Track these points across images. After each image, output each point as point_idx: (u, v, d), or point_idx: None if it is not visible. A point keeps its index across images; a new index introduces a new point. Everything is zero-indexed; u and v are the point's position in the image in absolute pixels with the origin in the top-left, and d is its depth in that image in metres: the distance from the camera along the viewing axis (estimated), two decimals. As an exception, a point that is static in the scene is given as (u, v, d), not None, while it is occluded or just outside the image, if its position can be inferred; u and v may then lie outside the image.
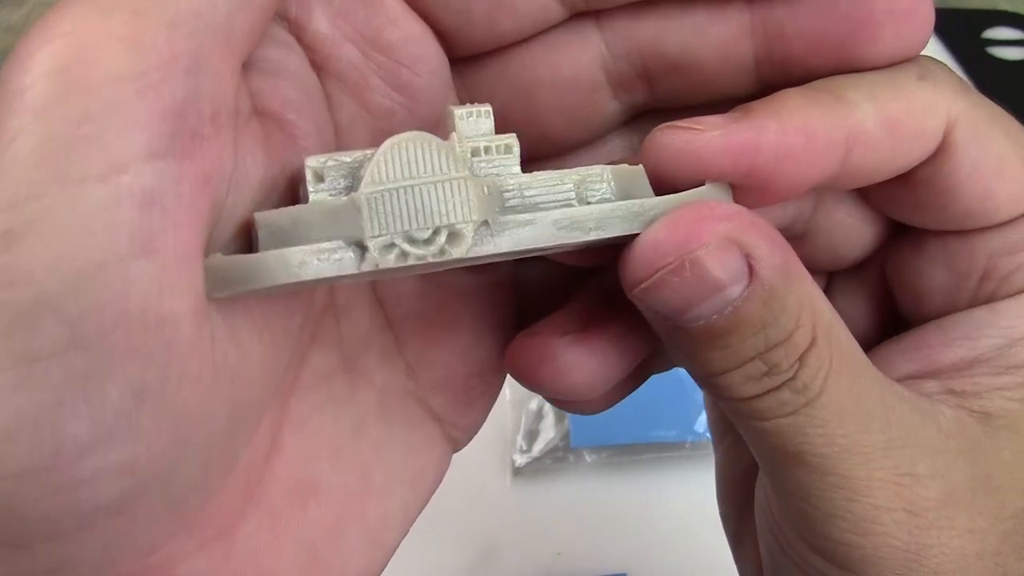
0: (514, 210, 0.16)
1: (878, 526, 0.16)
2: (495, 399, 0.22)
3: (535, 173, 0.16)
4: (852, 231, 0.20)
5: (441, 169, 0.15)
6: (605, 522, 0.44)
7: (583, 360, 0.19)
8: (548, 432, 0.46)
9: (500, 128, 0.17)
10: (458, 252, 0.15)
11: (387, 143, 0.15)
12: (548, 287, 0.22)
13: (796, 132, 0.16)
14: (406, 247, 0.15)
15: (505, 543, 0.43)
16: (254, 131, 0.16)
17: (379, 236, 0.15)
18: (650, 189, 0.17)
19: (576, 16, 0.19)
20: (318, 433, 0.18)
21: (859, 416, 0.16)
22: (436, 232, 0.15)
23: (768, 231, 0.16)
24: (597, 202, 0.16)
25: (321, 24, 0.17)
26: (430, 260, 0.15)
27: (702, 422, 0.45)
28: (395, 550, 0.20)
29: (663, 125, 0.17)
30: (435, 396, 0.21)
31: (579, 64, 0.19)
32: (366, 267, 0.15)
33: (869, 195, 0.20)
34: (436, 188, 0.15)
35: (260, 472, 0.17)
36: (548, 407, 0.47)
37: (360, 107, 0.18)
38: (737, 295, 0.16)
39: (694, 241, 0.16)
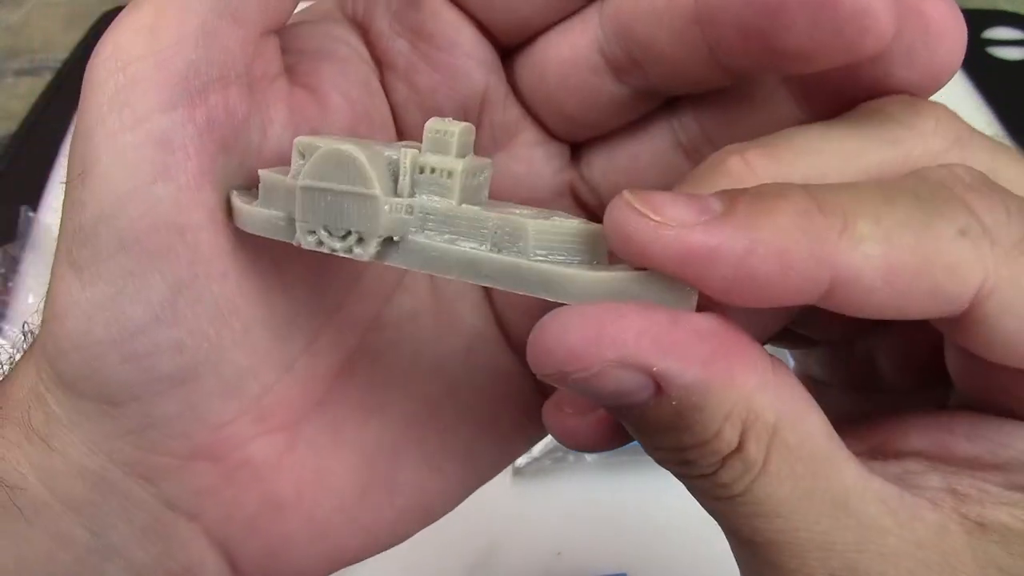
0: (429, 235, 0.17)
1: None
2: None
3: (464, 207, 0.17)
4: (831, 323, 0.20)
5: (359, 183, 0.17)
6: (605, 522, 0.44)
7: (599, 435, 0.19)
8: (548, 432, 0.46)
9: (531, 111, 0.21)
10: (364, 256, 0.17)
11: (323, 149, 0.17)
12: None
13: (768, 255, 0.14)
14: (323, 237, 0.18)
15: (505, 543, 0.43)
16: (279, 90, 0.20)
17: (304, 222, 0.18)
18: (603, 253, 0.16)
19: (591, 2, 0.21)
20: (392, 365, 0.22)
21: (799, 513, 0.16)
22: (348, 233, 0.17)
23: (684, 347, 0.15)
24: (510, 254, 0.16)
25: (381, 24, 0.21)
26: (340, 254, 0.18)
27: (702, 422, 0.45)
28: (462, 484, 0.23)
29: (627, 194, 0.15)
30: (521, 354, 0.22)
31: (577, 46, 0.21)
32: (294, 241, 0.18)
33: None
34: (352, 198, 0.17)
35: (327, 384, 0.21)
36: (548, 407, 0.47)
37: (410, 88, 0.21)
38: (643, 400, 0.15)
39: (573, 363, 0.15)
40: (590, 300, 0.15)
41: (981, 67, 0.66)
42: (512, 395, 0.23)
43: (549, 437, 0.21)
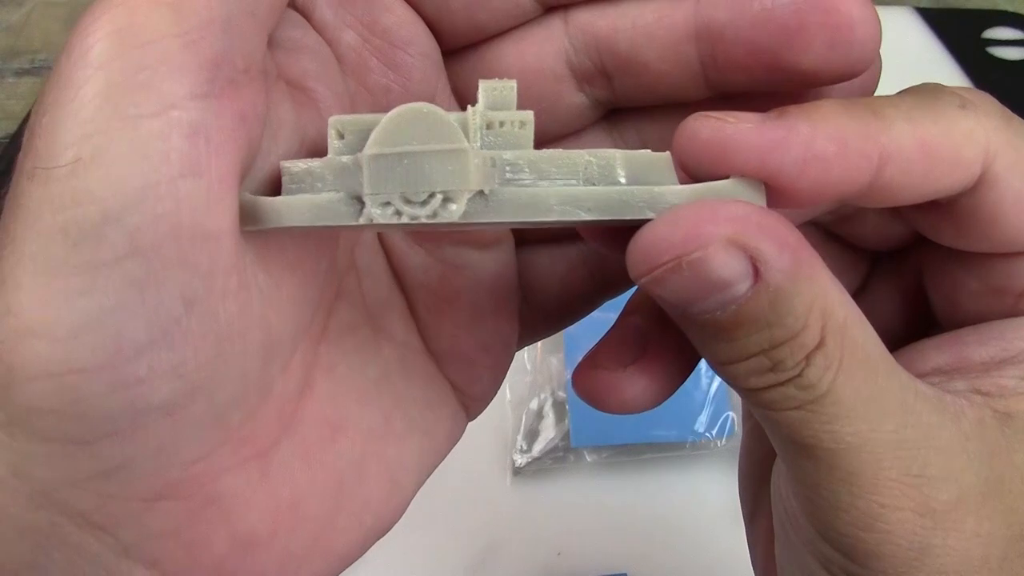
0: (516, 183, 0.16)
1: (882, 523, 0.16)
2: (503, 374, 0.23)
3: (546, 150, 0.17)
4: (893, 221, 0.21)
5: (443, 139, 0.16)
6: (605, 522, 0.44)
7: (646, 387, 0.20)
8: (548, 432, 0.46)
9: None
10: (450, 217, 0.16)
11: (395, 110, 0.16)
12: (557, 272, 0.23)
13: (828, 138, 0.16)
14: (401, 206, 0.16)
15: (505, 543, 0.43)
16: (283, 89, 0.18)
17: (376, 194, 0.16)
18: (674, 177, 0.17)
19: (549, 11, 0.20)
20: (346, 378, 0.20)
21: (870, 415, 0.16)
22: (431, 196, 0.16)
23: (778, 232, 0.16)
24: (604, 184, 0.17)
25: (325, 13, 0.20)
26: (423, 221, 0.16)
27: (702, 422, 0.45)
28: (412, 495, 0.22)
29: (697, 114, 0.17)
30: (445, 363, 0.22)
31: (543, 55, 0.20)
32: (362, 220, 0.16)
33: (906, 216, 0.20)
34: (436, 156, 0.16)
35: (294, 406, 0.19)
36: (548, 407, 0.47)
37: (360, 86, 0.20)
38: (741, 294, 0.16)
39: (692, 243, 0.15)
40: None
41: (981, 67, 0.66)
42: (442, 402, 0.22)
43: (549, 437, 0.21)
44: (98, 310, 0.15)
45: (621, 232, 0.17)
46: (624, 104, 0.21)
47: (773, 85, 0.19)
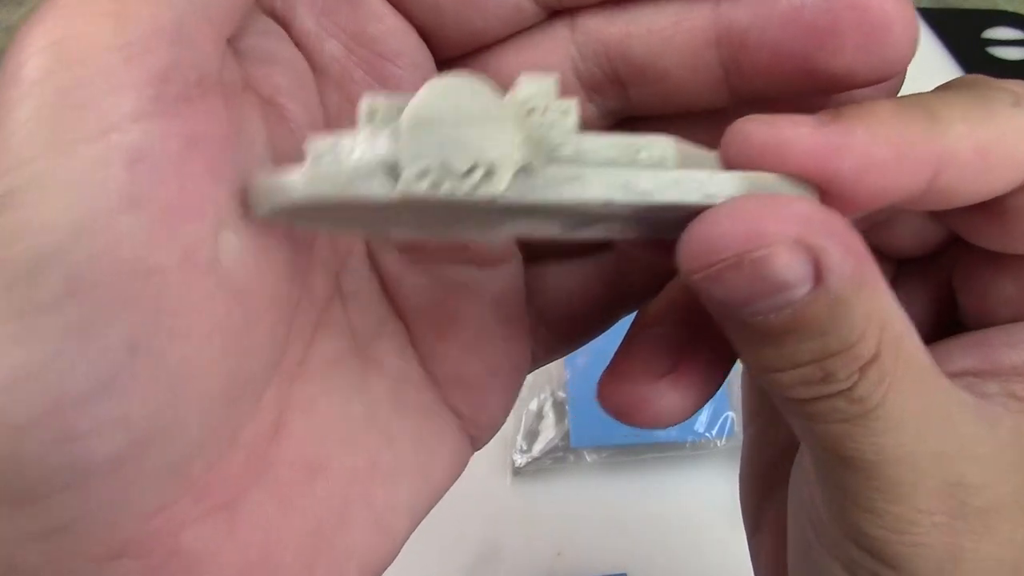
0: (563, 161, 0.15)
1: (917, 527, 0.16)
2: (514, 398, 0.22)
3: (591, 133, 0.15)
4: (926, 226, 0.20)
5: (489, 109, 0.15)
6: (605, 522, 0.44)
7: (679, 400, 0.19)
8: (548, 432, 0.46)
9: None
10: (495, 190, 0.14)
11: (434, 79, 0.15)
12: (573, 288, 0.22)
13: (887, 143, 0.15)
14: (440, 176, 0.14)
15: (505, 543, 0.43)
16: (252, 101, 0.17)
17: (415, 163, 0.14)
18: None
19: (553, 16, 0.19)
20: (327, 416, 0.19)
21: (916, 427, 0.16)
22: (474, 167, 0.14)
23: (845, 236, 0.15)
24: (654, 168, 0.15)
25: (306, 21, 0.18)
26: (462, 195, 0.14)
27: (702, 422, 0.45)
28: (404, 540, 0.20)
29: (747, 116, 0.16)
30: (450, 390, 0.21)
31: (548, 65, 0.19)
32: (395, 194, 0.14)
33: (947, 218, 0.19)
34: (481, 125, 0.15)
35: (266, 450, 0.18)
36: (548, 407, 0.47)
37: (343, 99, 0.19)
38: (799, 297, 0.15)
39: (757, 240, 0.14)
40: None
41: (981, 67, 0.66)
42: (442, 435, 0.21)
43: (549, 437, 0.21)
44: (34, 359, 0.13)
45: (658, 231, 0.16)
46: (638, 113, 0.20)
47: (800, 90, 0.18)
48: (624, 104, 0.20)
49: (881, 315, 0.15)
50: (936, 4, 0.73)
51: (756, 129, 0.15)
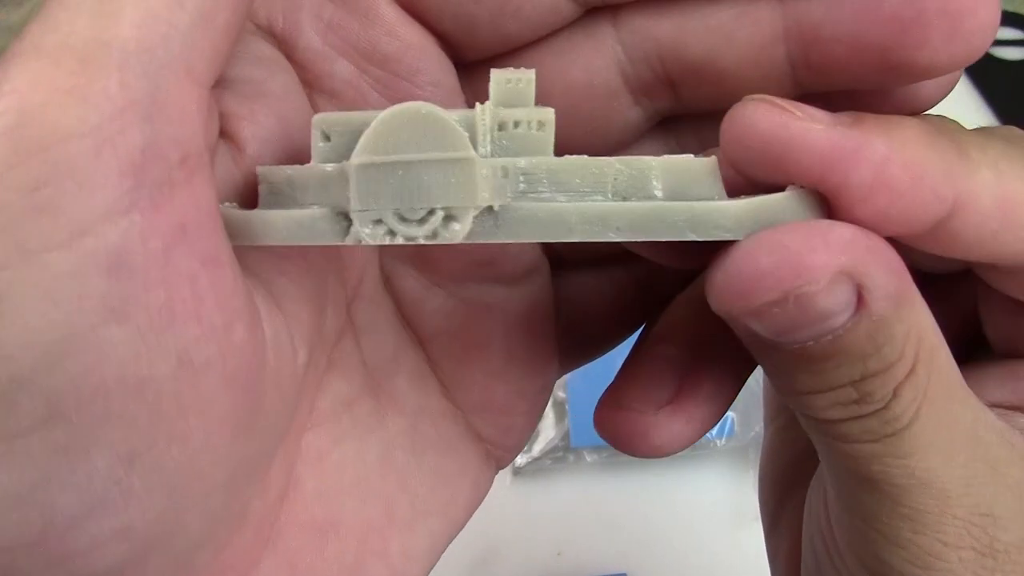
0: (532, 196, 0.14)
1: (942, 562, 0.15)
2: (539, 418, 0.21)
3: (568, 157, 0.14)
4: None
5: (445, 145, 0.14)
6: (605, 522, 0.44)
7: (680, 431, 0.18)
8: (548, 432, 0.46)
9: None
10: (456, 237, 0.14)
11: (387, 111, 0.14)
12: (599, 300, 0.21)
13: (904, 166, 0.14)
14: (395, 225, 0.14)
15: (505, 543, 0.43)
16: (231, 161, 0.16)
17: (366, 211, 0.14)
18: (720, 186, 0.15)
19: (591, 13, 0.17)
20: (339, 466, 0.18)
21: (945, 449, 0.15)
22: (431, 213, 0.14)
23: (885, 255, 0.14)
24: (637, 198, 0.14)
25: (312, 40, 0.17)
26: (421, 242, 0.14)
27: (702, 422, 0.45)
28: None
29: (752, 97, 0.14)
30: (475, 417, 0.20)
31: (592, 68, 0.18)
32: (349, 240, 0.14)
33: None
34: (436, 166, 0.14)
35: (275, 514, 0.17)
36: (548, 407, 0.47)
37: None
38: (841, 324, 0.14)
39: (804, 276, 0.13)
40: (744, 232, 0.14)
41: (981, 67, 0.66)
42: (464, 468, 0.20)
43: (549, 437, 0.20)
44: (20, 484, 0.12)
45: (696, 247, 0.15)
46: (688, 112, 0.19)
47: (875, 82, 0.17)
48: (673, 105, 0.18)
49: (919, 330, 0.15)
50: (936, 4, 0.73)
51: (762, 117, 0.14)
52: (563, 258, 0.21)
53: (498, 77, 0.14)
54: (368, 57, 0.17)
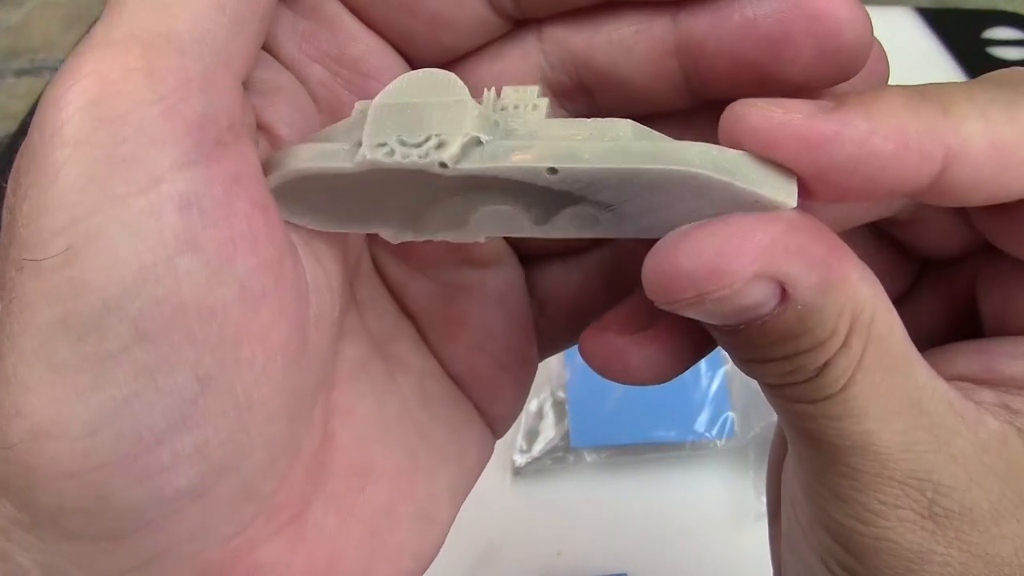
0: (516, 136, 0.16)
1: (883, 520, 0.16)
2: (526, 391, 0.23)
3: (551, 119, 0.16)
4: (954, 229, 0.20)
5: (448, 93, 0.16)
6: (605, 522, 0.44)
7: (651, 359, 0.19)
8: (548, 432, 0.46)
9: None
10: (443, 156, 0.16)
11: (410, 72, 0.17)
12: (568, 288, 0.23)
13: (887, 135, 0.15)
14: (396, 147, 0.16)
15: (505, 543, 0.43)
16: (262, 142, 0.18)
17: (373, 135, 0.16)
18: None
19: (520, 26, 0.20)
20: (366, 418, 0.20)
21: (881, 415, 0.16)
22: (427, 139, 0.16)
23: (807, 249, 0.15)
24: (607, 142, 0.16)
25: (289, 49, 0.19)
26: (412, 162, 0.16)
27: (702, 422, 0.45)
28: (450, 524, 0.21)
29: (741, 100, 0.16)
30: (465, 385, 0.22)
31: (518, 72, 0.20)
32: (356, 160, 0.16)
33: (973, 216, 0.19)
34: (438, 106, 0.16)
35: (319, 460, 0.19)
36: (548, 407, 0.47)
37: (334, 121, 0.19)
38: (767, 312, 0.15)
39: (717, 281, 0.15)
40: (706, 169, 0.15)
41: (981, 67, 0.66)
42: (468, 425, 0.22)
43: (549, 437, 0.21)
44: (111, 404, 0.14)
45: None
46: (610, 114, 0.20)
47: (760, 94, 0.18)
48: (592, 109, 0.20)
49: (853, 306, 0.15)
50: (936, 4, 0.73)
51: (750, 112, 0.15)
52: (531, 253, 0.23)
53: (508, 91, 0.17)
54: (338, 60, 0.19)
